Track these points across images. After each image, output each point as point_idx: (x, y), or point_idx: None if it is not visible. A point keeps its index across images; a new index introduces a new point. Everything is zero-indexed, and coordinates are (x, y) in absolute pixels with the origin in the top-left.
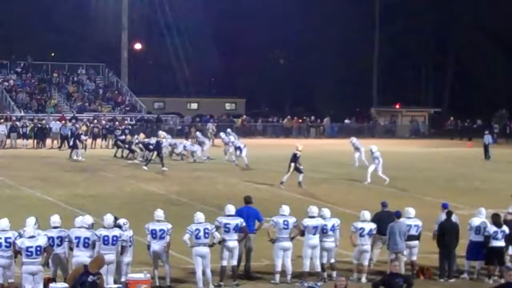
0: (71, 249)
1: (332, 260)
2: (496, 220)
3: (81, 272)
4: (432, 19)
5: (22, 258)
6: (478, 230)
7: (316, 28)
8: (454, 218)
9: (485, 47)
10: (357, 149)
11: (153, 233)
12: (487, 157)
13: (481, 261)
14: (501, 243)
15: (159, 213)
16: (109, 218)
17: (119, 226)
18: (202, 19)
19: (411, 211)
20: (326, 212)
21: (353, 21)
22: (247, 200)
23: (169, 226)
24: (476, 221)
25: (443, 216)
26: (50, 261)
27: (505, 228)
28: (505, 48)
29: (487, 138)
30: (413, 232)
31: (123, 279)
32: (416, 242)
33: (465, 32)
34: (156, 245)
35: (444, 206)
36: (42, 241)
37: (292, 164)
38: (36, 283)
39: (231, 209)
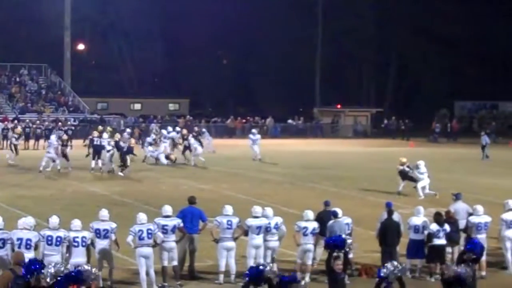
0: (13, 250)
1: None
2: (438, 218)
3: (11, 277)
4: (374, 19)
5: None
6: (417, 229)
7: (259, 28)
8: (396, 216)
9: (426, 47)
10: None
11: (97, 232)
12: (485, 157)
13: (422, 259)
14: (442, 241)
15: (104, 213)
16: (54, 220)
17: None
18: (146, 20)
19: (340, 210)
20: (269, 211)
21: (296, 21)
22: (191, 200)
23: (113, 225)
24: (415, 220)
25: (385, 215)
26: None
27: (447, 227)
28: (447, 48)
29: (484, 139)
30: (347, 230)
31: None
32: (350, 241)
33: (406, 32)
34: (101, 245)
35: (388, 205)
36: None
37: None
38: None
39: (167, 209)
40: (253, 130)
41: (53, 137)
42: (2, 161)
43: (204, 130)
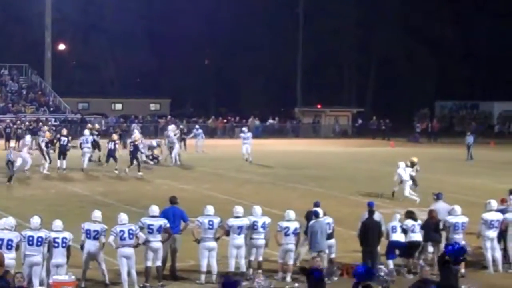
0: None
1: (260, 258)
2: (410, 215)
3: None
4: (355, 19)
5: None
6: (394, 229)
7: (241, 28)
8: (377, 216)
9: (407, 47)
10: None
11: (88, 233)
12: (469, 157)
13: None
14: (419, 237)
15: (97, 214)
16: (35, 220)
17: None
18: (127, 19)
19: (320, 210)
20: (258, 209)
21: (277, 21)
22: (173, 200)
23: (104, 227)
24: (393, 224)
25: (366, 215)
26: None
27: (420, 221)
28: (428, 48)
29: (469, 139)
30: (328, 230)
31: (50, 281)
32: (332, 241)
33: (387, 32)
34: (91, 245)
35: (369, 205)
36: None
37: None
38: None
39: (155, 209)
40: (244, 129)
41: (28, 137)
42: None
43: (200, 130)
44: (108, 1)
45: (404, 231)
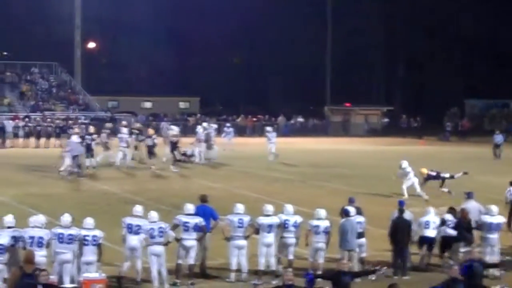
0: (24, 248)
1: (291, 257)
2: (451, 211)
3: (20, 275)
4: (383, 18)
5: None
6: (427, 224)
7: (270, 27)
8: (407, 215)
9: (437, 45)
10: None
11: (129, 227)
12: (498, 156)
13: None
14: (453, 232)
15: (138, 209)
16: (66, 218)
17: None
18: (156, 18)
19: (352, 209)
20: (289, 208)
21: (306, 19)
22: (203, 198)
23: (146, 222)
24: (426, 219)
25: (396, 213)
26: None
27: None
28: (457, 46)
29: (497, 138)
30: (359, 229)
31: (81, 279)
32: (363, 240)
33: (417, 30)
34: (132, 240)
35: (400, 204)
36: (3, 239)
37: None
38: None
39: (190, 207)
40: (268, 128)
41: (75, 137)
42: (16, 159)
43: (230, 129)
44: (137, 0)
45: (443, 223)
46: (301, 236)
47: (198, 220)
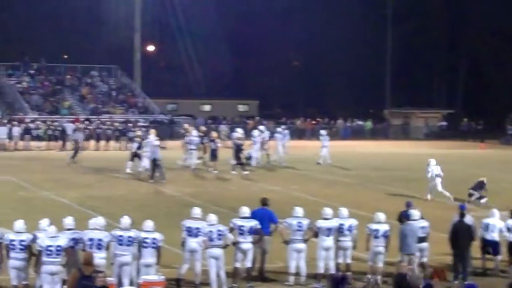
0: (84, 250)
1: (349, 261)
2: None
3: (78, 276)
4: (444, 19)
5: (42, 258)
6: (491, 227)
7: (329, 29)
8: (468, 219)
9: (498, 46)
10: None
11: (189, 231)
12: None
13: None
14: None
15: (196, 211)
16: (125, 220)
17: None
18: (214, 21)
19: (417, 213)
20: (344, 211)
21: (365, 21)
22: (264, 202)
23: (205, 224)
24: (489, 221)
25: (457, 217)
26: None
27: None
28: None
29: None
30: (421, 233)
31: (140, 281)
32: (425, 244)
33: (477, 32)
34: (193, 243)
35: (461, 208)
36: (62, 241)
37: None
38: (54, 283)
39: (245, 211)
40: (322, 132)
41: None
42: (75, 164)
43: (286, 131)
44: (195, 3)
45: (508, 230)
46: (358, 240)
47: (254, 223)
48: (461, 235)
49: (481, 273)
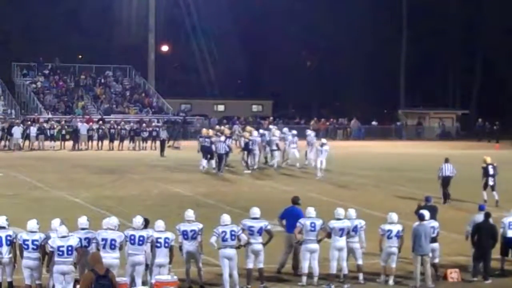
0: (98, 250)
1: (360, 262)
2: None
3: (93, 277)
4: (459, 20)
5: (54, 258)
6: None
7: (343, 30)
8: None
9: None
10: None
11: (185, 234)
12: None
13: None
14: None
15: (190, 214)
16: (138, 220)
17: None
18: (228, 21)
19: (427, 213)
20: (352, 212)
21: (380, 22)
22: (295, 200)
23: (200, 226)
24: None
25: (479, 218)
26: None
27: None
28: None
29: None
30: (432, 234)
31: (153, 281)
32: (436, 245)
33: (492, 33)
34: (189, 246)
35: (481, 208)
36: (73, 241)
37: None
38: (66, 283)
39: (256, 211)
40: (308, 131)
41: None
42: (90, 161)
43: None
44: (209, 3)
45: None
46: (366, 240)
47: (263, 224)
48: (485, 235)
49: (500, 274)
